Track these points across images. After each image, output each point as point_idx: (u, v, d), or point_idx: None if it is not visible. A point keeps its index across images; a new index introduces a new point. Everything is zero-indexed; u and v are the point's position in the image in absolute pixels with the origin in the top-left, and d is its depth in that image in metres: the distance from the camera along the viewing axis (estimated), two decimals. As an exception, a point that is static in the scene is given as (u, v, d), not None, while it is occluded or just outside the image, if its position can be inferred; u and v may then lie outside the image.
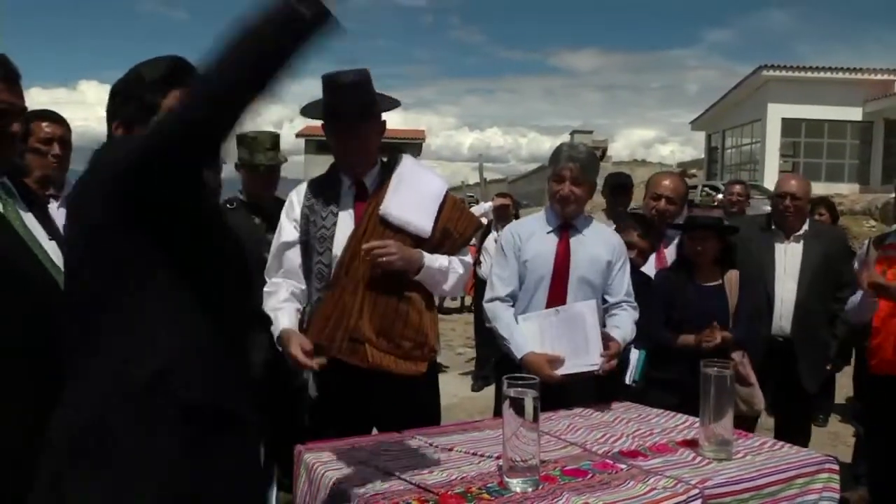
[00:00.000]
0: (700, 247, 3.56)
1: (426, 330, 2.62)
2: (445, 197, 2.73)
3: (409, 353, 2.59)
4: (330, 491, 1.98)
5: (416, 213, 2.64)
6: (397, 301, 2.59)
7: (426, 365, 2.63)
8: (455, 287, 2.73)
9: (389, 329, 2.56)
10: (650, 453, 2.25)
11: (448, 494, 1.87)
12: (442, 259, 2.65)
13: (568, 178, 3.05)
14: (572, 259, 3.07)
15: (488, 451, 2.19)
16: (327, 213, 2.68)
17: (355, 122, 2.63)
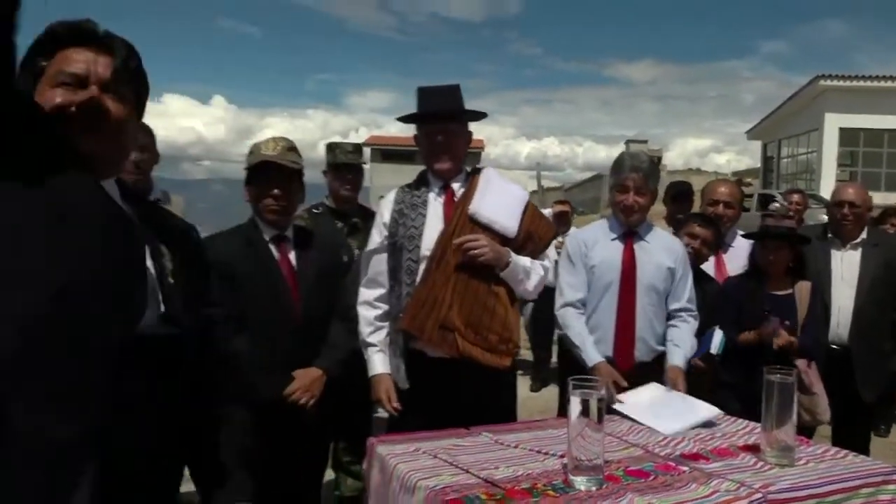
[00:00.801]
0: (772, 256, 3.49)
1: (511, 325, 2.68)
2: (527, 203, 2.80)
3: (494, 347, 2.64)
4: (401, 482, 2.00)
5: (503, 215, 2.71)
6: (485, 295, 2.65)
7: (510, 360, 2.68)
8: (536, 287, 2.77)
9: (477, 321, 2.62)
10: (712, 456, 2.21)
11: (515, 489, 1.86)
12: (525, 260, 2.71)
13: (631, 188, 3.04)
14: (638, 266, 3.05)
15: (552, 450, 2.18)
16: (416, 215, 2.75)
17: (444, 120, 2.75)
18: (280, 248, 2.72)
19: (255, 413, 2.59)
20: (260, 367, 2.59)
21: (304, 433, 2.68)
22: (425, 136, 2.82)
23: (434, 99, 2.77)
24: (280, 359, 2.63)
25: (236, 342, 2.56)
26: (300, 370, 2.66)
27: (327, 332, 2.79)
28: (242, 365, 2.59)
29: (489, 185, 2.78)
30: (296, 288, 2.68)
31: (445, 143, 2.78)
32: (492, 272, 2.66)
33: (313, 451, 2.86)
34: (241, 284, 2.57)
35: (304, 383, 2.63)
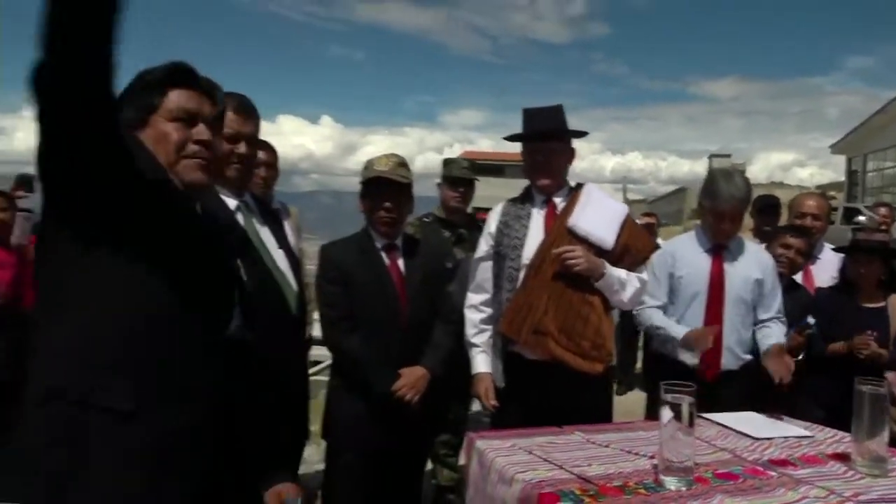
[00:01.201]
0: (864, 269, 3.35)
1: (604, 333, 2.66)
2: (626, 218, 2.78)
3: (587, 353, 2.63)
4: (499, 474, 2.00)
5: (600, 228, 2.70)
6: (580, 303, 2.65)
7: (602, 366, 2.65)
8: (632, 299, 2.74)
9: (571, 328, 2.62)
10: (800, 463, 2.12)
11: (607, 486, 1.85)
12: (621, 272, 2.69)
13: (727, 216, 2.97)
14: (727, 279, 2.98)
15: (642, 451, 2.15)
16: (519, 226, 2.79)
17: (545, 140, 2.79)
18: (390, 255, 2.78)
19: (368, 406, 2.67)
20: (372, 366, 2.66)
21: (410, 427, 2.73)
22: (528, 154, 2.86)
23: (536, 119, 2.80)
24: (389, 358, 2.69)
25: (349, 341, 2.64)
26: (406, 368, 2.71)
27: (431, 333, 2.83)
28: (354, 362, 2.67)
29: (589, 199, 2.78)
30: (403, 292, 2.74)
31: (546, 161, 2.82)
32: (587, 282, 2.66)
33: (417, 444, 2.90)
34: (355, 289, 2.66)
35: (409, 381, 2.68)
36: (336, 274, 2.67)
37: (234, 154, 2.32)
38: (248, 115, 2.34)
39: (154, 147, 1.53)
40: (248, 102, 2.36)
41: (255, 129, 2.38)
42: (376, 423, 2.66)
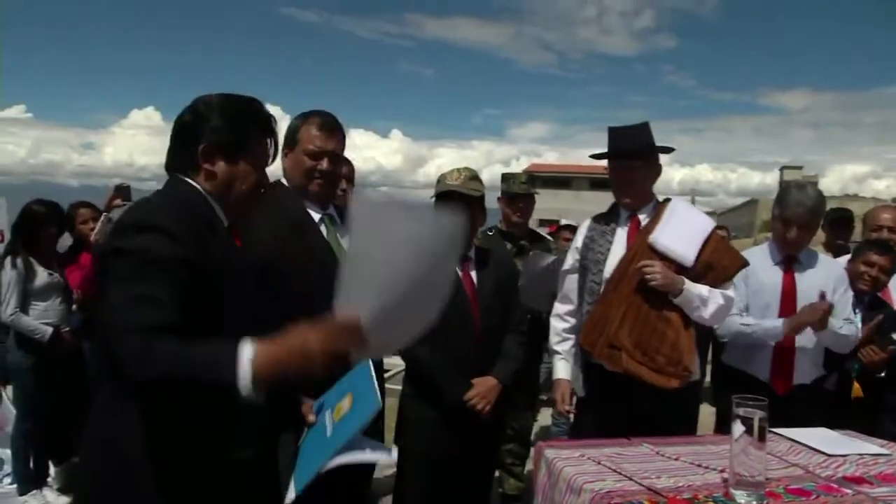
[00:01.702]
0: None
1: (681, 349, 2.64)
2: (711, 234, 2.74)
3: (662, 367, 2.63)
4: (568, 483, 2.02)
5: (681, 244, 2.69)
6: (656, 318, 2.65)
7: (678, 381, 2.63)
8: (715, 316, 2.70)
9: (646, 343, 2.63)
10: (876, 482, 2.06)
11: (677, 499, 1.84)
12: (703, 288, 2.65)
13: (795, 223, 2.92)
14: (798, 291, 2.92)
15: (712, 464, 2.12)
16: (603, 241, 2.82)
17: (627, 158, 2.81)
18: (463, 266, 2.82)
19: (439, 413, 2.71)
20: (445, 374, 2.70)
21: (480, 435, 2.76)
22: (611, 172, 2.88)
23: (620, 138, 2.82)
24: (461, 366, 2.73)
25: (422, 349, 2.68)
26: (478, 378, 2.74)
27: (501, 343, 2.86)
28: (428, 369, 2.71)
29: (672, 215, 2.77)
30: (476, 303, 2.78)
31: (626, 180, 2.84)
32: (665, 297, 2.64)
33: (486, 452, 2.93)
34: None
35: (481, 390, 2.71)
36: None
37: (316, 170, 2.43)
38: (330, 133, 2.44)
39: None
40: (331, 120, 2.46)
41: (338, 146, 2.48)
42: (447, 430, 2.70)
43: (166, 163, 1.80)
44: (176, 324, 1.47)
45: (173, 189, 1.75)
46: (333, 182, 2.51)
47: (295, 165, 2.47)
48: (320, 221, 2.46)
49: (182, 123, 1.76)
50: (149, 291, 1.48)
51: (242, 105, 1.79)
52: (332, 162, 2.47)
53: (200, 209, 1.72)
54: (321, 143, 2.43)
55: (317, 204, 2.48)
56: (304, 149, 2.44)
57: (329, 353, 1.49)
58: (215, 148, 1.72)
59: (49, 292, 4.09)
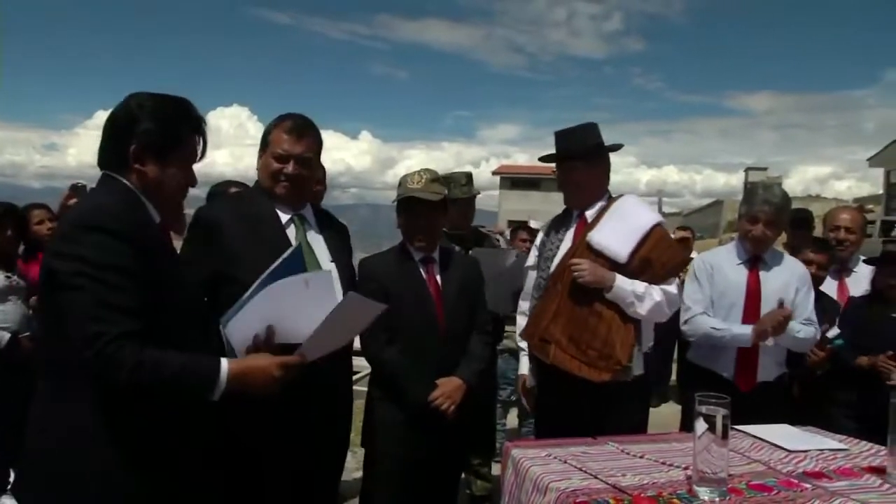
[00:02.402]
0: (893, 280, 3.30)
1: (613, 343, 2.68)
2: (651, 230, 2.75)
3: (593, 361, 2.68)
4: (534, 483, 2.01)
5: (616, 241, 2.73)
6: (588, 314, 2.71)
7: (610, 375, 2.68)
8: (651, 312, 2.72)
9: (579, 337, 2.70)
10: (835, 476, 2.09)
11: (641, 496, 1.85)
12: (638, 285, 2.68)
13: (762, 220, 2.96)
14: (763, 291, 2.97)
15: (676, 462, 2.14)
16: (555, 240, 2.91)
17: (565, 161, 2.90)
18: (428, 268, 2.82)
19: (406, 416, 2.69)
20: (409, 375, 2.69)
21: (447, 437, 2.75)
22: (556, 174, 3.00)
23: (561, 141, 2.90)
24: (427, 368, 2.71)
25: (388, 352, 2.68)
26: (443, 378, 2.73)
27: (467, 344, 2.86)
28: (393, 372, 2.70)
29: (615, 212, 2.81)
30: (440, 304, 2.77)
31: (569, 181, 2.93)
32: (599, 293, 2.69)
33: (453, 454, 2.91)
34: (393, 301, 2.66)
35: (446, 391, 2.70)
36: (375, 286, 2.69)
37: (282, 173, 2.41)
38: (298, 137, 2.42)
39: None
40: (302, 124, 2.45)
41: (307, 150, 2.45)
42: (414, 433, 2.69)
43: (98, 160, 1.82)
44: (141, 328, 1.57)
45: (109, 188, 1.78)
46: (301, 185, 2.47)
47: (263, 168, 2.48)
48: (289, 222, 2.44)
49: (114, 123, 1.79)
50: (109, 298, 1.56)
51: (174, 107, 1.83)
52: (299, 165, 2.44)
53: (136, 208, 1.75)
54: (288, 146, 2.42)
55: (287, 205, 2.45)
56: (272, 152, 2.44)
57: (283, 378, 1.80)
58: (146, 149, 1.76)
59: (6, 295, 3.98)
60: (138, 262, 1.62)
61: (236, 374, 1.70)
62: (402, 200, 2.78)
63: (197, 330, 1.85)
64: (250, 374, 1.75)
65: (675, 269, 2.84)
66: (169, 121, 1.78)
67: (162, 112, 1.78)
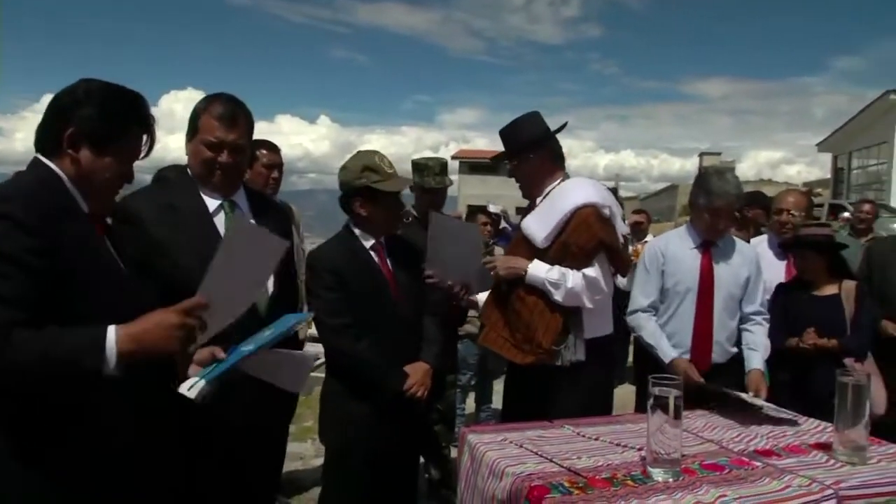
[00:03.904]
0: (804, 262, 3.39)
1: (536, 328, 2.69)
2: (573, 213, 2.67)
3: (518, 344, 2.74)
4: (490, 468, 2.01)
5: (536, 226, 2.75)
6: (514, 300, 2.76)
7: (533, 358, 2.71)
8: (568, 299, 2.68)
9: (510, 321, 2.77)
10: (784, 453, 2.14)
11: (596, 479, 1.85)
12: (553, 271, 2.68)
13: (724, 212, 2.97)
14: (716, 275, 3.00)
15: (631, 443, 2.16)
16: (503, 231, 2.86)
17: (507, 160, 2.94)
18: (378, 254, 2.75)
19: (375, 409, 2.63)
20: (381, 367, 2.64)
21: (414, 424, 2.73)
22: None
23: (502, 140, 2.91)
24: (389, 356, 2.66)
25: (359, 346, 2.61)
26: (410, 366, 2.69)
27: (422, 327, 2.82)
28: (367, 366, 2.62)
29: (550, 196, 2.80)
30: (396, 290, 2.71)
31: (513, 177, 2.94)
32: (522, 282, 2.73)
33: (418, 437, 2.89)
34: (351, 292, 2.59)
35: (418, 378, 2.67)
36: (332, 280, 2.62)
37: (217, 162, 2.29)
38: (231, 123, 2.28)
39: None
40: (233, 108, 2.31)
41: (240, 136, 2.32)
42: (382, 425, 2.62)
43: (35, 142, 1.73)
44: (27, 320, 1.47)
45: (30, 173, 1.70)
46: (235, 173, 2.36)
47: (194, 155, 2.32)
48: (219, 209, 2.32)
49: (56, 104, 1.70)
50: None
51: (123, 99, 1.74)
52: (233, 153, 2.32)
53: (57, 195, 1.66)
54: (221, 133, 2.27)
55: (219, 192, 2.34)
56: (202, 139, 2.28)
57: (184, 325, 1.61)
58: (82, 136, 1.68)
59: None
60: (43, 254, 1.52)
61: (129, 336, 1.53)
62: (388, 192, 2.68)
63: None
64: (145, 332, 1.56)
65: (592, 251, 2.72)
66: (114, 112, 1.70)
67: (109, 101, 1.70)
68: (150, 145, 1.81)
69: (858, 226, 6.59)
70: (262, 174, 3.51)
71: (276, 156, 3.56)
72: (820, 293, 3.40)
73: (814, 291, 3.41)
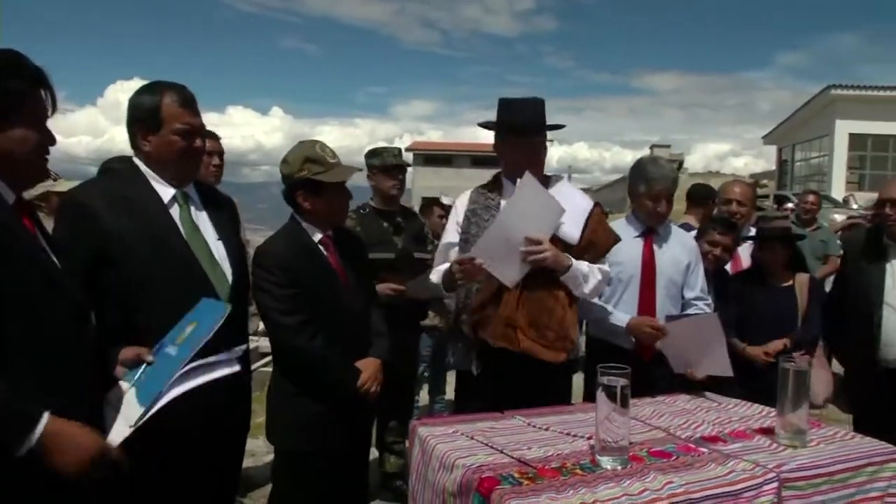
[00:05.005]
0: (771, 254, 3.46)
1: (567, 324, 2.67)
2: (591, 212, 2.75)
3: (552, 343, 2.64)
4: (440, 461, 2.00)
5: (567, 223, 2.67)
6: (546, 296, 2.65)
7: (566, 355, 2.67)
8: (594, 290, 2.73)
9: (538, 320, 2.63)
10: (729, 439, 2.18)
11: (546, 468, 1.86)
12: (583, 264, 2.67)
13: (664, 196, 3.01)
14: (657, 261, 3.04)
15: (580, 432, 2.17)
16: (489, 216, 2.74)
17: (531, 134, 2.73)
18: (326, 248, 2.67)
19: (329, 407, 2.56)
20: (337, 366, 2.58)
21: (366, 420, 2.70)
22: (512, 148, 2.77)
23: (521, 112, 2.72)
24: (343, 352, 2.60)
25: (315, 344, 2.52)
26: (363, 361, 2.63)
27: (370, 320, 2.77)
28: (324, 364, 2.54)
29: (558, 195, 2.70)
30: (346, 284, 2.66)
31: (531, 157, 2.74)
32: (553, 275, 2.64)
33: (368, 433, 2.85)
34: (304, 287, 2.52)
35: (371, 373, 2.61)
36: (283, 276, 2.52)
37: (193, 149, 2.24)
38: (194, 107, 2.22)
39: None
40: (190, 92, 2.24)
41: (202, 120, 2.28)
42: (336, 424, 2.57)
43: None
44: None
45: None
46: (202, 159, 2.34)
47: (165, 147, 2.20)
48: (172, 200, 2.23)
49: None
50: None
51: (4, 63, 1.60)
52: (204, 138, 2.30)
53: None
54: (191, 119, 2.21)
55: (170, 183, 2.23)
56: (173, 129, 2.18)
57: (95, 460, 1.54)
58: None
59: None
60: None
61: (54, 432, 1.46)
62: (336, 183, 2.60)
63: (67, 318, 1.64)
64: (69, 440, 1.49)
65: (609, 249, 2.83)
66: (2, 80, 1.56)
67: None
68: (52, 101, 1.67)
69: (804, 216, 6.78)
70: (204, 162, 3.45)
71: (216, 143, 3.49)
72: (776, 284, 3.48)
73: (770, 282, 3.48)
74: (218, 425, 2.20)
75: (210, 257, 2.21)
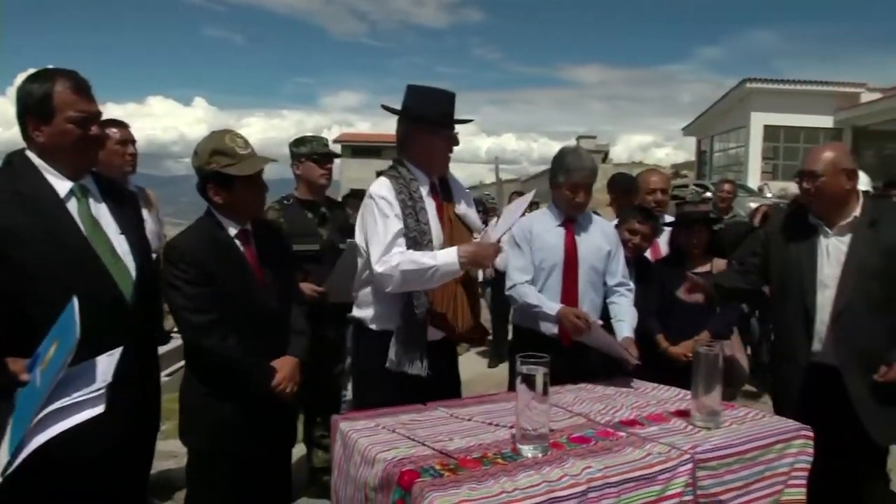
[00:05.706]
0: (694, 238, 3.55)
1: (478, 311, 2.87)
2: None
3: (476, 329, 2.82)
4: (362, 455, 1.97)
5: (473, 214, 2.87)
6: (470, 287, 2.82)
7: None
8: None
9: (472, 309, 2.80)
10: (647, 422, 2.23)
11: (467, 459, 1.86)
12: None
13: (583, 187, 3.05)
14: (579, 249, 3.08)
15: (503, 422, 2.18)
16: (420, 209, 2.69)
17: (448, 127, 2.78)
18: (243, 242, 2.56)
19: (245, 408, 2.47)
20: (250, 366, 2.48)
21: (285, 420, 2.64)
22: (442, 140, 2.77)
23: (437, 105, 2.73)
24: (256, 351, 2.49)
25: (226, 344, 2.41)
26: (279, 360, 2.54)
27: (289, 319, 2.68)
28: (236, 365, 2.43)
29: (455, 184, 2.83)
30: (262, 281, 2.56)
31: (449, 149, 2.81)
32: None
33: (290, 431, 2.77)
34: (217, 285, 2.42)
35: (287, 373, 2.52)
36: (195, 273, 2.40)
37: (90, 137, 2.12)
38: (89, 93, 2.11)
39: None
40: (83, 78, 2.12)
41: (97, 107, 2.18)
42: (251, 425, 2.48)
43: None
44: None
45: None
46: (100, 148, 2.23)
47: (59, 138, 2.09)
48: (70, 194, 2.12)
49: None
50: None
51: None
52: (100, 125, 2.20)
53: None
54: (86, 106, 2.10)
55: (65, 176, 2.12)
56: (67, 118, 2.07)
57: None
58: None
59: None
60: None
61: None
62: (252, 175, 2.49)
63: None
64: None
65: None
66: None
67: None
68: None
69: (720, 205, 7.02)
70: (118, 152, 3.31)
71: (126, 131, 3.37)
72: (695, 269, 3.56)
73: (689, 267, 3.57)
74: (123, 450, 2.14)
75: (112, 252, 2.11)
